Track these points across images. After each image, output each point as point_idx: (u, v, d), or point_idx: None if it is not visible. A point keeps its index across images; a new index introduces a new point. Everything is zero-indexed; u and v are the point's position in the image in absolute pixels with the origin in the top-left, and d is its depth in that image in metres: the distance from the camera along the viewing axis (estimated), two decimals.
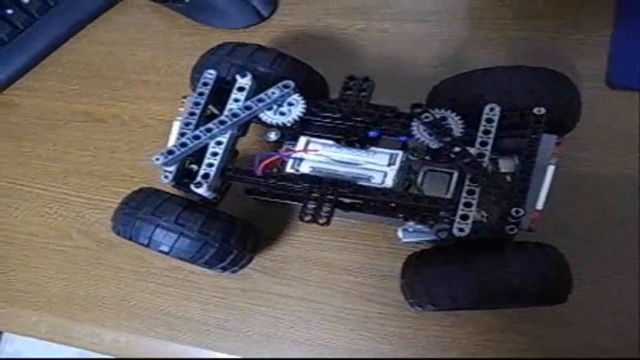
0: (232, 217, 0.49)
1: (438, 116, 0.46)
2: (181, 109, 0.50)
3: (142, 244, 0.47)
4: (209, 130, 0.47)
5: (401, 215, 0.47)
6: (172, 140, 0.50)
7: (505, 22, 0.61)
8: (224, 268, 0.49)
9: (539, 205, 0.44)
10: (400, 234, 0.48)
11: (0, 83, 0.68)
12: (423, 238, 0.48)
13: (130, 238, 0.48)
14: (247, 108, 0.48)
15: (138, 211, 0.47)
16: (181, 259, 0.47)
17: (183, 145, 0.47)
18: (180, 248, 0.46)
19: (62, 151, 0.64)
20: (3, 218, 0.62)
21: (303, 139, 0.49)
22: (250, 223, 0.51)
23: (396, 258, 0.51)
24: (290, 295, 0.53)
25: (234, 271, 0.51)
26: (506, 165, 0.46)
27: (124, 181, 0.60)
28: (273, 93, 0.48)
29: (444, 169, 0.47)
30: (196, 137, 0.47)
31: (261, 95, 0.48)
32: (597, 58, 0.57)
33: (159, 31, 0.68)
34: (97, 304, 0.57)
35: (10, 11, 0.67)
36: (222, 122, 0.48)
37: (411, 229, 0.48)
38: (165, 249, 0.46)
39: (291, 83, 0.48)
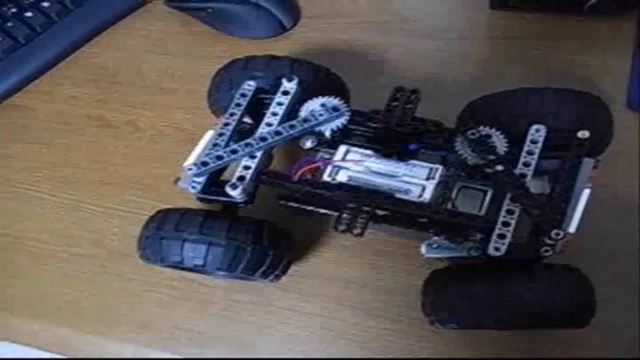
0: (257, 219, 0.48)
1: (483, 133, 0.46)
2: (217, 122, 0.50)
3: (175, 264, 0.46)
4: (248, 145, 0.47)
5: (432, 230, 0.46)
6: (199, 150, 0.49)
7: (527, 41, 0.61)
8: (265, 274, 0.47)
9: (572, 229, 0.43)
10: (423, 249, 0.47)
11: (14, 86, 0.67)
12: (448, 255, 0.47)
13: (162, 261, 0.46)
14: (292, 127, 0.47)
15: (160, 232, 0.46)
16: (220, 270, 0.46)
17: (219, 157, 0.47)
18: (214, 259, 0.45)
19: (74, 156, 0.62)
20: (10, 224, 0.60)
21: (342, 148, 0.48)
22: (277, 225, 0.49)
23: (414, 275, 0.50)
24: (304, 311, 0.52)
25: (277, 277, 0.49)
26: (535, 186, 0.45)
27: (137, 189, 0.59)
28: (321, 115, 0.48)
29: (478, 187, 0.47)
30: (234, 151, 0.47)
31: (308, 116, 0.48)
32: (619, 80, 0.57)
33: (179, 38, 0.67)
34: (103, 314, 0.55)
35: (29, 14, 0.67)
36: (262, 139, 0.47)
37: (435, 245, 0.47)
38: (200, 262, 0.45)
39: (342, 107, 0.48)
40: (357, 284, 0.52)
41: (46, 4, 0.67)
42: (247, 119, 0.51)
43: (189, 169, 0.46)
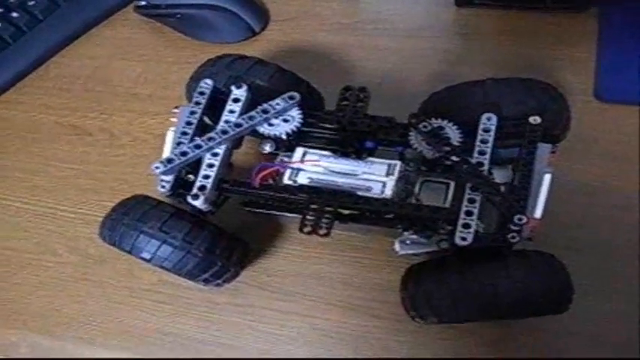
0: (219, 228, 0.48)
1: (436, 125, 0.46)
2: (174, 120, 0.50)
3: (124, 251, 0.46)
4: (211, 139, 0.47)
5: (400, 226, 0.47)
6: (167, 150, 0.49)
7: (493, 37, 0.61)
8: (207, 281, 0.48)
9: (538, 214, 0.44)
10: (397, 247, 0.48)
11: None
12: (421, 250, 0.48)
13: (114, 244, 0.47)
14: (251, 118, 0.47)
15: (124, 217, 0.46)
16: (163, 267, 0.46)
17: (184, 153, 0.46)
18: (162, 256, 0.45)
19: (48, 164, 0.62)
20: None
21: (299, 150, 0.48)
22: (238, 237, 0.50)
23: (394, 270, 0.51)
24: (287, 310, 0.52)
25: (218, 285, 0.50)
26: (501, 175, 0.46)
27: (113, 195, 0.58)
28: (278, 104, 0.48)
29: (440, 180, 0.47)
30: (197, 146, 0.47)
31: (266, 106, 0.48)
32: (586, 72, 0.58)
33: (149, 45, 0.67)
34: (83, 322, 0.55)
35: None
36: (224, 132, 0.47)
37: (408, 242, 0.48)
38: (147, 256, 0.45)
39: (297, 95, 0.48)
40: (338, 282, 0.53)
41: (15, 15, 0.67)
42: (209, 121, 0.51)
43: (156, 168, 0.46)
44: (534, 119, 0.45)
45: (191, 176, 0.48)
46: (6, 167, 0.63)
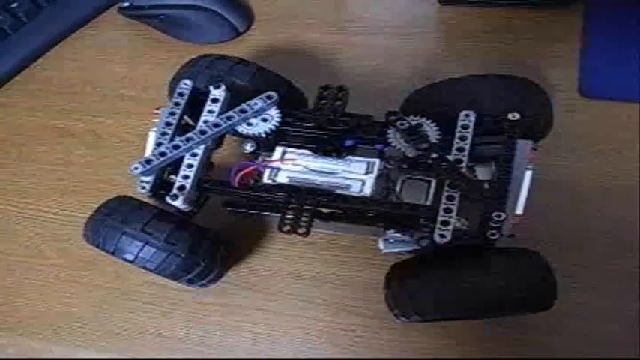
0: (202, 228, 0.48)
1: (413, 123, 0.46)
2: (155, 121, 0.50)
3: (108, 252, 0.46)
4: (189, 139, 0.47)
5: (381, 224, 0.47)
6: (149, 151, 0.49)
7: (476, 34, 0.62)
8: (191, 281, 0.48)
9: (519, 210, 0.44)
10: (381, 245, 0.48)
11: None
12: (405, 248, 0.48)
13: (98, 246, 0.47)
14: (229, 118, 0.48)
15: (107, 218, 0.46)
16: (146, 268, 0.46)
17: (162, 154, 0.47)
18: (144, 257, 0.45)
19: (35, 167, 0.62)
20: None
21: (279, 150, 0.48)
22: (221, 237, 0.50)
23: (379, 269, 0.51)
24: (272, 309, 0.52)
25: (203, 285, 0.50)
26: (483, 173, 0.46)
27: (100, 197, 0.57)
28: (256, 104, 0.48)
29: (422, 177, 0.47)
30: (176, 147, 0.47)
31: (244, 106, 0.48)
32: (570, 68, 0.58)
33: (134, 46, 0.67)
34: (71, 324, 0.55)
35: None
36: (202, 132, 0.47)
37: (392, 240, 0.48)
38: (130, 257, 0.46)
39: (274, 94, 0.48)
40: (323, 281, 0.53)
41: None
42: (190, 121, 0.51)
43: (135, 169, 0.46)
44: (513, 115, 0.45)
45: (173, 177, 0.48)
46: None
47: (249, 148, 0.49)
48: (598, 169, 0.53)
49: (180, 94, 0.50)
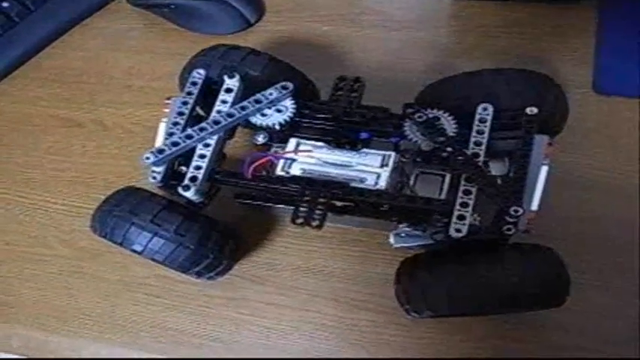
0: (212, 220, 0.48)
1: (431, 116, 0.46)
2: (166, 110, 0.49)
3: (115, 243, 0.46)
4: (202, 129, 0.46)
5: (394, 218, 0.46)
6: (159, 142, 0.48)
7: (489, 29, 0.61)
8: (199, 273, 0.48)
9: (535, 206, 0.44)
10: (392, 239, 0.48)
11: None
12: (416, 243, 0.47)
13: (106, 236, 0.46)
14: (243, 108, 0.47)
15: (115, 209, 0.46)
16: (155, 260, 0.46)
17: (175, 144, 0.46)
18: (153, 248, 0.45)
19: (41, 157, 0.62)
20: None
21: (293, 141, 0.48)
22: (231, 229, 0.49)
23: (388, 264, 0.51)
24: (281, 303, 0.52)
25: (210, 278, 0.49)
26: (497, 168, 0.46)
27: (106, 188, 0.57)
28: (271, 94, 0.47)
29: (436, 172, 0.47)
30: (189, 136, 0.46)
31: (258, 96, 0.47)
32: (584, 64, 0.57)
33: (142, 36, 0.67)
34: (77, 316, 0.54)
35: None
36: (216, 122, 0.46)
37: (403, 234, 0.47)
38: (139, 248, 0.45)
39: (290, 85, 0.47)
40: (332, 275, 0.52)
41: (5, 5, 0.66)
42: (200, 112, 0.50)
43: (147, 158, 0.45)
44: (531, 110, 0.45)
45: (183, 168, 0.47)
46: None
47: (261, 139, 0.48)
48: (610, 165, 0.53)
49: (193, 84, 0.49)
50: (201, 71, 0.49)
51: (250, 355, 0.51)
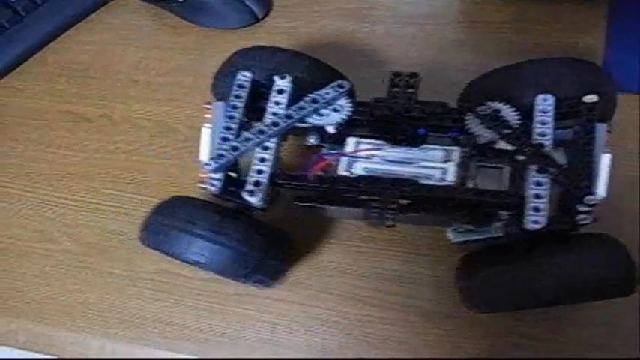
0: (271, 227, 0.47)
1: (493, 109, 0.45)
2: (207, 116, 0.47)
3: (173, 256, 0.45)
4: (261, 132, 0.45)
5: (459, 212, 0.45)
6: (205, 149, 0.47)
7: (499, 25, 0.61)
8: (261, 282, 0.47)
9: (603, 194, 0.42)
10: (450, 235, 0.47)
11: None
12: (475, 237, 0.46)
13: (160, 249, 0.45)
14: (300, 109, 0.46)
15: (172, 220, 0.45)
16: (215, 271, 0.45)
17: (235, 148, 0.45)
18: (216, 260, 0.44)
19: (48, 151, 0.62)
20: None
21: (352, 140, 0.47)
22: (286, 233, 0.49)
23: (396, 260, 0.51)
24: (287, 299, 0.52)
25: (268, 285, 0.49)
26: (557, 158, 0.44)
27: (113, 182, 0.58)
28: (328, 93, 0.46)
29: (493, 165, 0.46)
30: (247, 139, 0.45)
31: (315, 96, 0.46)
32: (594, 60, 0.56)
33: (150, 31, 0.67)
34: (83, 310, 0.54)
35: None
36: (274, 124, 0.45)
37: (461, 229, 0.46)
38: (202, 260, 0.44)
39: (346, 83, 0.46)
40: (339, 271, 0.52)
41: None
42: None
43: (207, 165, 0.44)
44: (590, 98, 0.44)
45: (232, 174, 0.46)
46: (5, 154, 0.62)
47: (313, 140, 0.47)
48: (618, 163, 0.52)
49: (240, 86, 0.48)
50: (247, 73, 0.48)
51: (255, 352, 0.51)
